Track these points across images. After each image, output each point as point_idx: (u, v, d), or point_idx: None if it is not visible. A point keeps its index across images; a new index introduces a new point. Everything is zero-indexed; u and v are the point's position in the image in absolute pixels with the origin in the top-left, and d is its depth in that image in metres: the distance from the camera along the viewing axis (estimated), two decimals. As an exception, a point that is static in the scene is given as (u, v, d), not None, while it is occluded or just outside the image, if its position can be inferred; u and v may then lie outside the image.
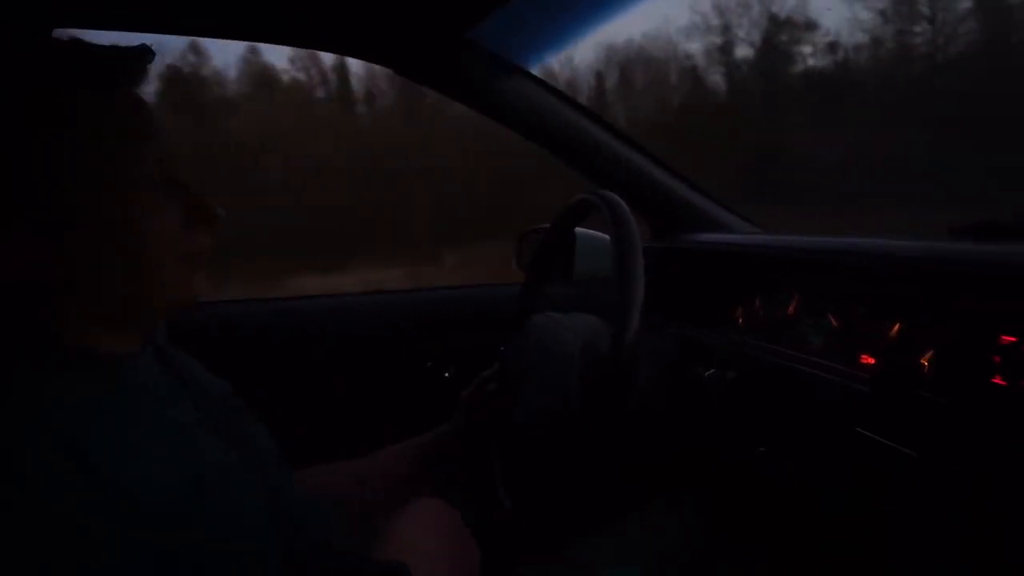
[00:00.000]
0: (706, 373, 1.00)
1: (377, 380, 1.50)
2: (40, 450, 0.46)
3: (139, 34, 1.14)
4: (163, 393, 0.61)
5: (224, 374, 0.75)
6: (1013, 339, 0.70)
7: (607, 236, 0.89)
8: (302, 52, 1.36)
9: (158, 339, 0.68)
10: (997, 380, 0.71)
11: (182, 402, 0.62)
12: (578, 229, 1.28)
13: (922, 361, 0.81)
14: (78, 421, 0.49)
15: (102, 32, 1.12)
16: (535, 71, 1.39)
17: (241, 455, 0.62)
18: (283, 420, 0.81)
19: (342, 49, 1.32)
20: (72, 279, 0.55)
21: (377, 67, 1.35)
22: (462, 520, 0.93)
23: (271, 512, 0.59)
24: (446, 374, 1.54)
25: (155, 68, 0.61)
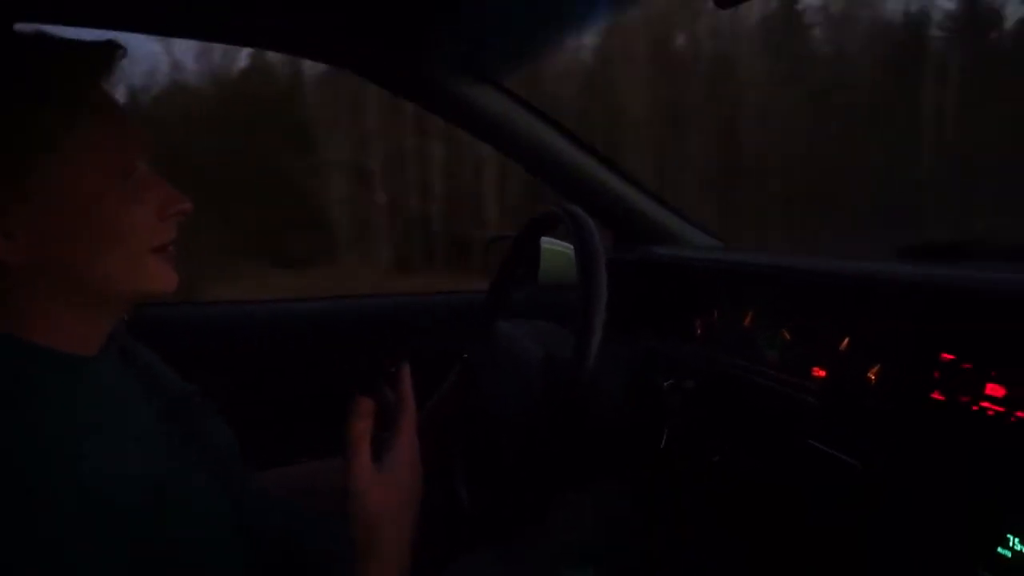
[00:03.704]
0: (665, 383, 1.02)
1: (341, 384, 1.49)
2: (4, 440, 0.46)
3: (105, 32, 1.13)
4: (125, 392, 0.61)
5: (187, 375, 0.74)
6: (951, 357, 0.74)
7: (571, 247, 0.90)
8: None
9: (120, 338, 0.68)
10: (936, 395, 0.75)
11: (143, 402, 0.62)
12: (543, 239, 1.29)
13: (869, 375, 0.84)
14: (42, 414, 0.49)
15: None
16: (504, 83, 1.40)
17: (202, 456, 0.62)
18: (246, 422, 0.81)
19: (308, 54, 1.33)
20: (39, 264, 0.55)
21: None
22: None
23: (234, 512, 0.59)
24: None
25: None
